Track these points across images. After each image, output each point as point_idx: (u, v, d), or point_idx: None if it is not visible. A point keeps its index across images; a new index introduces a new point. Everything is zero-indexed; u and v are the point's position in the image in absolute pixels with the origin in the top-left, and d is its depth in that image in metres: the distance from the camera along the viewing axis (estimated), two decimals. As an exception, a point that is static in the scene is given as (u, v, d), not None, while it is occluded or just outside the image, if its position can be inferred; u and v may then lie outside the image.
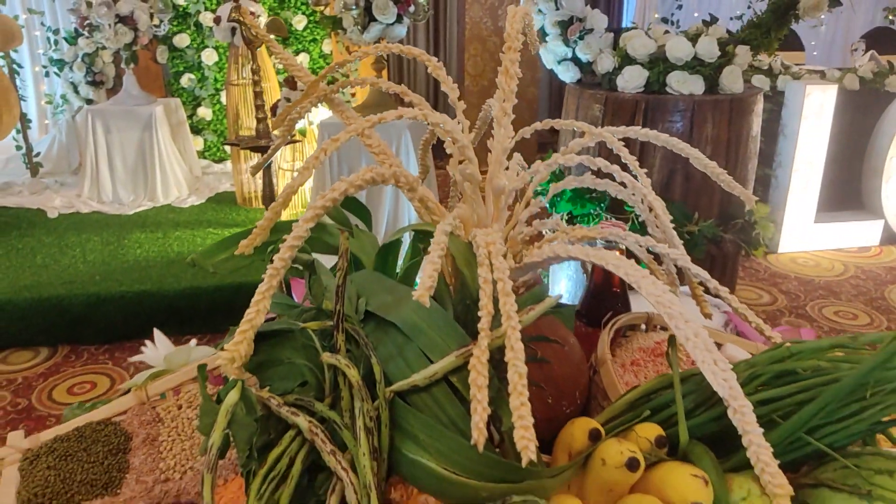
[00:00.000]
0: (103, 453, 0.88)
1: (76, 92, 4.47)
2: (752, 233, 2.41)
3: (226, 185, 4.44)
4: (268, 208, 0.68)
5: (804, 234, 4.07)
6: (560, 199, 2.36)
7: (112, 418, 0.94)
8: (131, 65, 4.05)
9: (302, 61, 4.59)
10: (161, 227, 3.72)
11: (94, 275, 3.13)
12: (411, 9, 2.97)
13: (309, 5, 4.51)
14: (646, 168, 2.34)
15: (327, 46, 4.66)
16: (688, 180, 2.36)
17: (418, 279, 0.60)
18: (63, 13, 4.64)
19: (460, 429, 0.58)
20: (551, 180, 2.27)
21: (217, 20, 3.77)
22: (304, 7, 4.57)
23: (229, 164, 4.70)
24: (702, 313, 0.86)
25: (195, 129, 4.76)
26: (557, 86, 5.96)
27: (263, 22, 3.95)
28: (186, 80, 4.66)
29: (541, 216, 0.94)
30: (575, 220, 2.38)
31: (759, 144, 2.50)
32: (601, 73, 2.51)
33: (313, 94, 0.86)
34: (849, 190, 4.29)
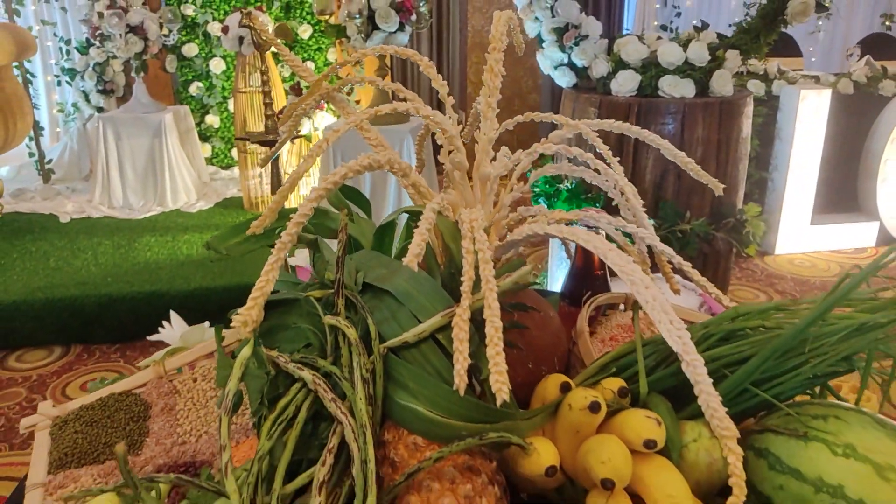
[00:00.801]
0: (125, 420, 0.96)
1: (87, 100, 4.58)
2: (743, 231, 2.48)
3: (233, 191, 4.54)
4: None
5: (800, 235, 4.14)
6: (556, 199, 2.44)
7: (133, 390, 1.03)
8: (141, 73, 4.16)
9: (307, 69, 4.69)
10: (170, 231, 3.82)
11: (106, 276, 3.22)
12: (413, 17, 3.06)
13: (314, 15, 4.62)
14: (639, 168, 2.43)
15: (332, 55, 4.76)
16: (680, 180, 2.44)
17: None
18: (75, 24, 4.76)
19: (445, 378, 0.66)
20: (547, 180, 2.35)
21: (225, 30, 3.87)
22: (309, 17, 4.68)
23: (236, 170, 4.80)
24: (671, 289, 0.94)
25: (203, 137, 4.87)
26: (559, 92, 6.05)
27: (271, 29, 4.05)
28: (195, 88, 4.77)
29: (527, 204, 1.02)
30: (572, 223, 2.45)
31: (749, 146, 2.58)
32: (596, 77, 2.59)
33: (316, 92, 0.95)
34: (845, 192, 4.36)
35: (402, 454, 0.65)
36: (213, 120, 4.87)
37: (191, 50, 4.65)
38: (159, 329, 1.13)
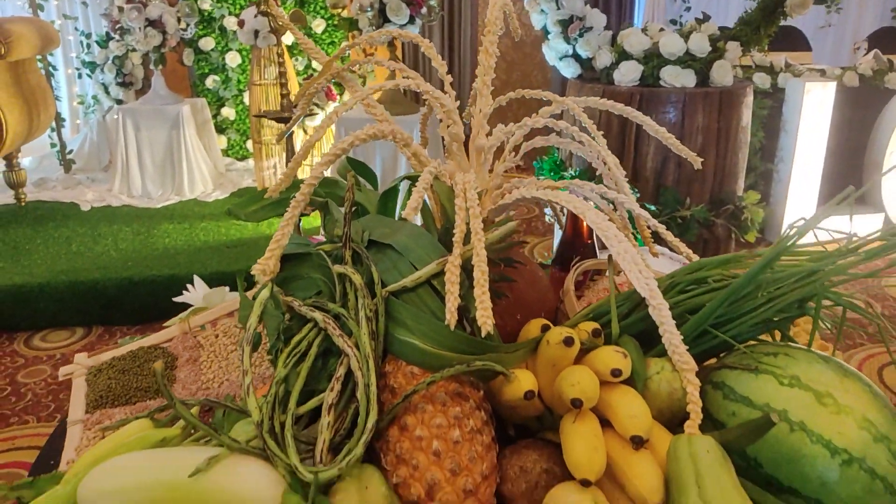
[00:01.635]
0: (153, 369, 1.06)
1: (107, 93, 4.71)
2: (742, 218, 2.56)
3: (248, 181, 4.65)
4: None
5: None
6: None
7: (160, 344, 1.13)
8: (160, 66, 4.27)
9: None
10: (188, 219, 3.93)
11: (126, 261, 3.34)
12: (423, 10, 3.15)
13: (327, 10, 4.72)
14: (640, 156, 2.51)
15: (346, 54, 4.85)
16: (680, 167, 2.51)
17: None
18: (95, 18, 4.88)
19: (438, 317, 0.75)
20: (552, 167, 2.44)
21: (241, 24, 3.98)
22: (322, 11, 4.78)
23: (251, 161, 4.91)
24: (650, 252, 1.03)
25: (219, 129, 4.98)
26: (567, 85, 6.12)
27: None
28: (211, 81, 4.89)
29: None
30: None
31: (749, 135, 2.65)
32: (599, 68, 2.67)
33: (328, 72, 1.04)
34: (850, 184, 4.39)
35: (400, 382, 0.75)
36: (228, 112, 4.98)
37: (207, 44, 4.76)
38: (184, 292, 1.23)
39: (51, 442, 0.97)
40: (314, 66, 4.73)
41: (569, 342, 0.72)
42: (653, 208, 2.45)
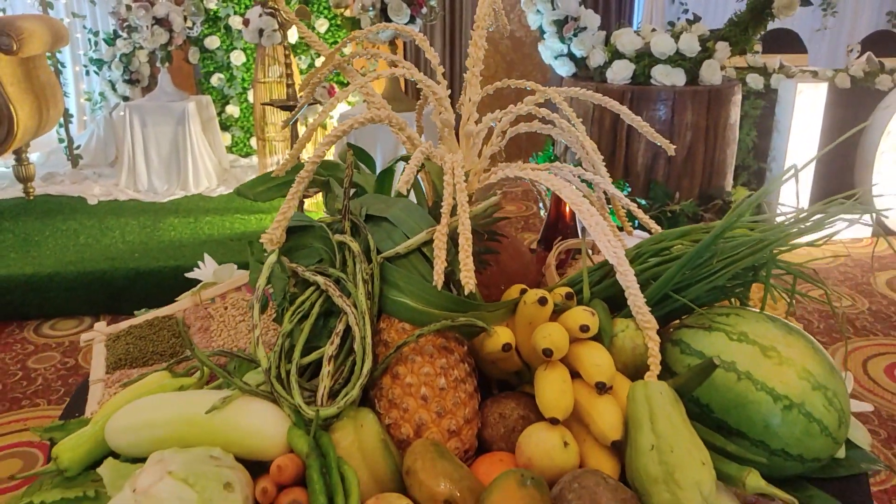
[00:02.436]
0: (168, 336, 1.15)
1: (114, 89, 4.81)
2: (730, 212, 2.64)
3: (252, 177, 4.74)
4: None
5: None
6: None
7: (174, 314, 1.22)
8: (166, 64, 4.37)
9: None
10: (193, 213, 4.02)
11: (133, 252, 3.43)
12: (423, 10, 3.24)
13: (331, 10, 4.81)
14: (631, 152, 2.59)
15: (347, 49, 4.95)
16: (670, 163, 2.60)
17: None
18: (103, 16, 4.98)
19: (427, 279, 0.84)
20: (546, 158, 2.52)
21: (246, 23, 4.07)
22: (326, 11, 4.87)
23: (255, 158, 5.01)
24: (625, 230, 1.12)
25: (223, 126, 5.08)
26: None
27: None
28: (216, 79, 4.98)
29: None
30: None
31: (737, 132, 2.73)
32: (593, 67, 2.76)
33: (331, 63, 1.13)
34: (841, 183, 4.49)
35: (392, 336, 0.84)
36: (233, 110, 5.07)
37: (212, 42, 4.86)
38: (195, 269, 1.32)
39: (74, 399, 1.06)
40: (316, 65, 4.82)
41: (543, 302, 0.81)
42: (643, 202, 2.54)
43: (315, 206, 4.05)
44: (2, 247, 3.51)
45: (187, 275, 1.33)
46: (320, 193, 1.12)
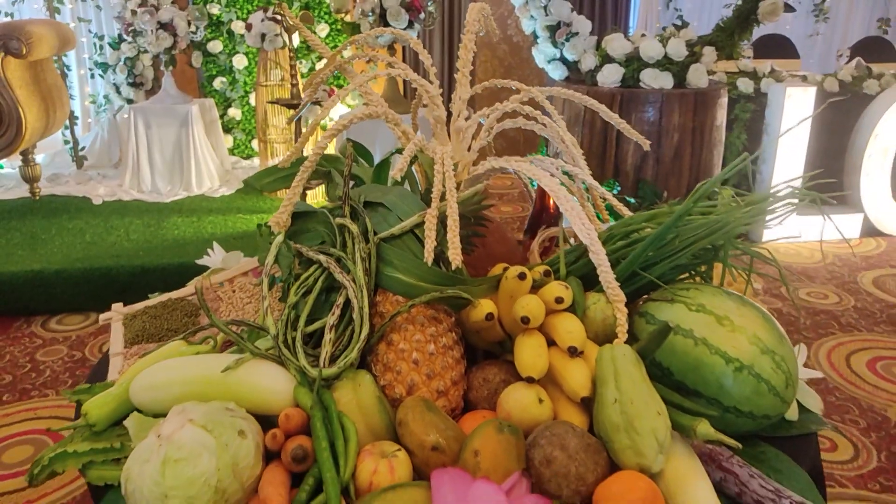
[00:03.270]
0: (181, 316, 1.24)
1: (118, 92, 4.91)
2: (716, 210, 2.74)
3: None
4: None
5: (787, 225, 4.37)
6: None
7: (186, 297, 1.31)
8: (170, 67, 4.47)
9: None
10: (196, 213, 4.12)
11: (138, 250, 3.53)
12: (421, 16, 3.35)
13: (331, 14, 4.92)
14: (621, 152, 2.68)
15: (347, 53, 5.06)
16: (658, 163, 2.70)
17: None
18: (107, 21, 5.09)
19: (419, 256, 0.94)
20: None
21: (248, 27, 4.18)
22: (326, 16, 4.98)
23: (256, 160, 5.11)
24: (603, 219, 1.21)
25: (225, 129, 5.18)
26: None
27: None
28: (218, 82, 5.09)
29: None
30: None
31: (723, 134, 2.83)
32: (585, 70, 2.86)
33: (332, 64, 1.23)
34: (831, 185, 4.59)
35: (387, 308, 0.93)
36: (234, 113, 5.17)
37: (215, 47, 4.96)
38: (204, 256, 1.41)
39: (96, 369, 1.15)
40: (316, 69, 4.93)
41: (522, 276, 0.91)
42: (632, 201, 2.63)
43: (316, 205, 4.14)
44: (9, 244, 3.60)
45: (198, 261, 1.42)
46: (319, 189, 1.21)
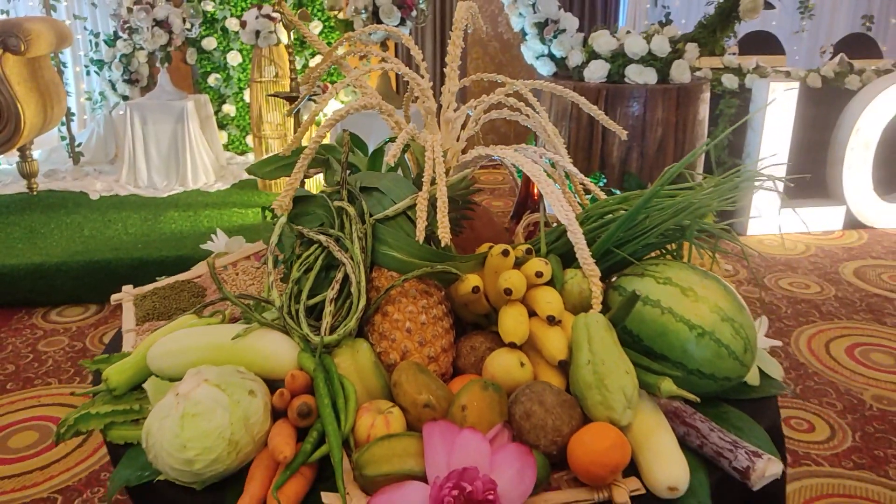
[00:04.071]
0: (188, 297, 1.32)
1: (113, 89, 4.97)
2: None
3: (248, 174, 4.91)
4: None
5: (771, 218, 4.49)
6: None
7: (192, 279, 1.39)
8: (166, 64, 4.54)
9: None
10: (192, 207, 4.19)
11: (137, 243, 3.60)
12: (413, 13, 3.42)
13: (324, 12, 5.00)
14: (607, 146, 2.77)
15: (340, 50, 5.12)
16: (643, 156, 2.79)
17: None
18: (103, 18, 5.14)
19: (411, 236, 1.02)
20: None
21: (243, 24, 4.25)
22: (319, 14, 5.05)
23: (251, 156, 5.18)
24: (582, 204, 1.30)
25: (220, 125, 5.24)
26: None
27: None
28: (213, 79, 5.15)
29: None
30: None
31: (706, 128, 2.92)
32: (572, 66, 2.95)
33: (329, 59, 1.31)
34: (814, 179, 4.71)
35: (383, 283, 1.02)
36: (229, 109, 5.24)
37: (210, 44, 5.02)
38: (208, 242, 1.49)
39: (111, 345, 1.23)
40: (310, 66, 5.00)
41: (506, 253, 0.99)
42: (617, 192, 2.72)
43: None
44: (9, 238, 3.66)
45: (202, 246, 1.50)
46: (315, 183, 1.30)
